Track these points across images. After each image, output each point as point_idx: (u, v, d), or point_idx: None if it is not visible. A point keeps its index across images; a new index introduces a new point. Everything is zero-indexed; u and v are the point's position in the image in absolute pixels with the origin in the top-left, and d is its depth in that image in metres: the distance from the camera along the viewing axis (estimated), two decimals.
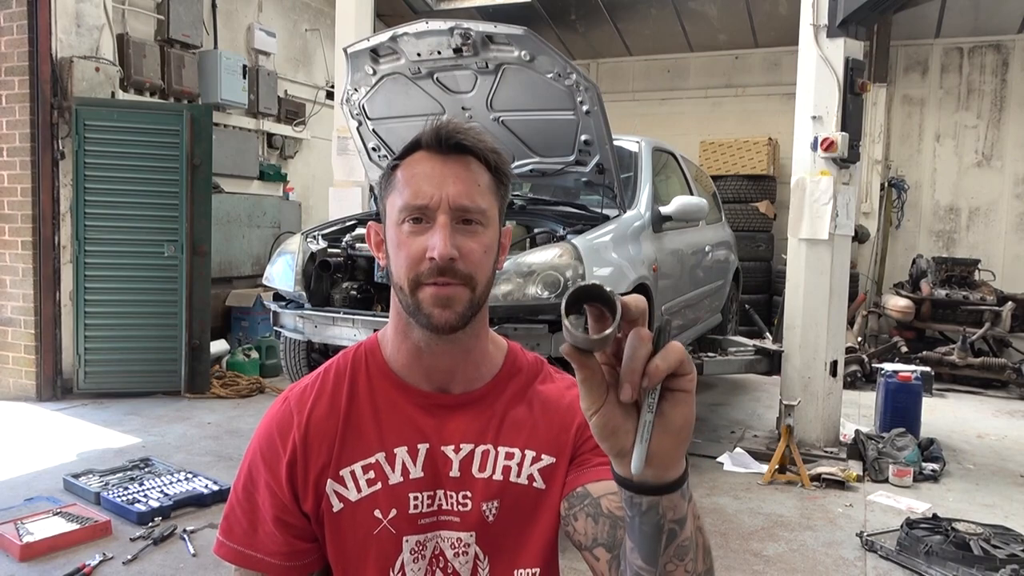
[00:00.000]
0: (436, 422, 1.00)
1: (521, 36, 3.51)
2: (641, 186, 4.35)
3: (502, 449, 1.00)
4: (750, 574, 3.10)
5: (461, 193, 0.94)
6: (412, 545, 0.98)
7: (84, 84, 5.35)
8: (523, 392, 1.04)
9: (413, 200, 0.94)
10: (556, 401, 1.04)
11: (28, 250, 5.35)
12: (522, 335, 3.23)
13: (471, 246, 0.94)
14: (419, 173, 0.95)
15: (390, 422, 1.00)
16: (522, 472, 1.00)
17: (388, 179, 0.99)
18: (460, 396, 1.02)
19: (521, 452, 1.00)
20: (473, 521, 0.99)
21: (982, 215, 8.34)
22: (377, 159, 4.54)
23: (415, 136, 0.98)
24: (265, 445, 1.01)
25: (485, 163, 0.97)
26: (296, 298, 3.92)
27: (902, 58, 8.51)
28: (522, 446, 1.01)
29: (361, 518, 0.98)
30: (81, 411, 5.18)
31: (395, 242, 0.96)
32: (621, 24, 8.80)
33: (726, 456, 4.50)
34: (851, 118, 4.47)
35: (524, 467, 1.00)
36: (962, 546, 3.09)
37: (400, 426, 1.00)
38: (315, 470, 0.98)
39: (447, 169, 0.95)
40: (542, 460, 1.01)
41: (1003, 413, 6.06)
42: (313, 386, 1.04)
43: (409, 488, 0.98)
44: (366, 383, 1.03)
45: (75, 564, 2.93)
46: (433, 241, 0.92)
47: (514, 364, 1.06)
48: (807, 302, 4.62)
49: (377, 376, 1.03)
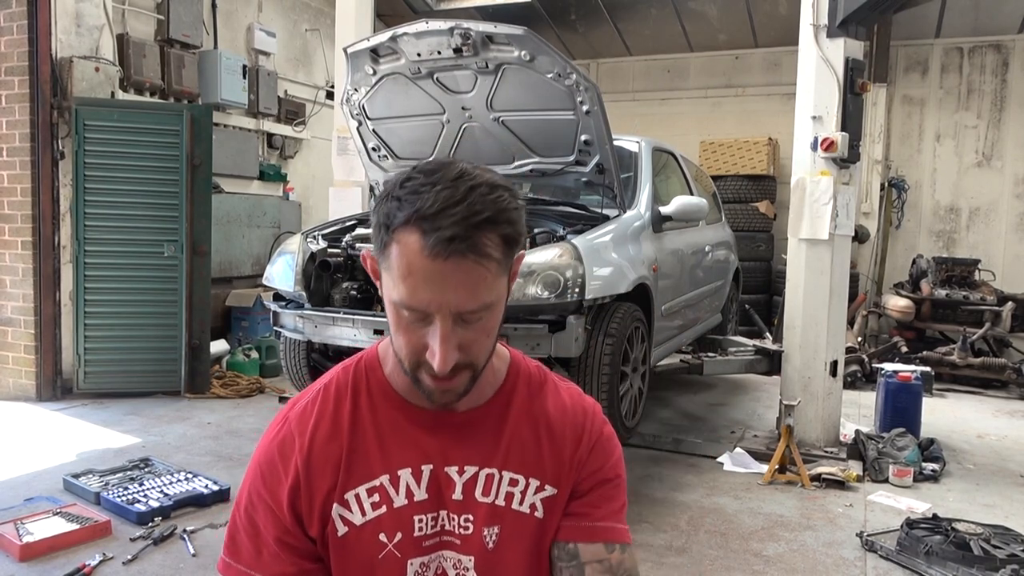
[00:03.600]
0: (440, 442, 0.99)
1: (521, 36, 3.51)
2: (641, 186, 4.35)
3: (507, 475, 1.00)
4: (750, 574, 3.09)
5: (464, 299, 0.85)
6: (416, 567, 0.98)
7: (84, 84, 5.35)
8: (529, 409, 1.03)
9: (409, 300, 0.86)
10: (560, 425, 1.03)
11: (28, 250, 5.35)
12: (522, 335, 3.22)
13: (473, 337, 0.89)
14: (415, 271, 0.84)
15: (394, 443, 0.99)
16: (524, 500, 1.00)
17: (381, 243, 0.88)
18: (465, 414, 1.00)
19: (526, 480, 1.00)
20: (474, 546, 0.99)
21: (982, 215, 8.34)
22: (377, 159, 4.54)
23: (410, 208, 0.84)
24: (267, 469, 0.99)
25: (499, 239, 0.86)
26: (296, 298, 3.92)
27: (902, 58, 8.51)
28: (527, 474, 1.00)
29: (366, 542, 0.97)
30: (81, 411, 5.18)
31: (394, 320, 0.90)
32: (621, 24, 8.80)
33: (726, 456, 4.50)
34: (851, 118, 4.46)
35: (528, 495, 1.00)
36: (962, 546, 3.09)
37: (404, 447, 0.99)
38: (320, 495, 0.97)
39: (447, 272, 0.84)
40: (545, 490, 1.01)
41: (1003, 413, 6.05)
42: (313, 405, 1.01)
43: (414, 511, 0.98)
44: (368, 403, 1.01)
45: (75, 564, 2.93)
46: (433, 346, 0.87)
47: (517, 375, 1.05)
48: (807, 302, 4.62)
49: (379, 395, 1.01)
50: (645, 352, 3.90)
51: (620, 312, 3.57)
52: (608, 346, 3.44)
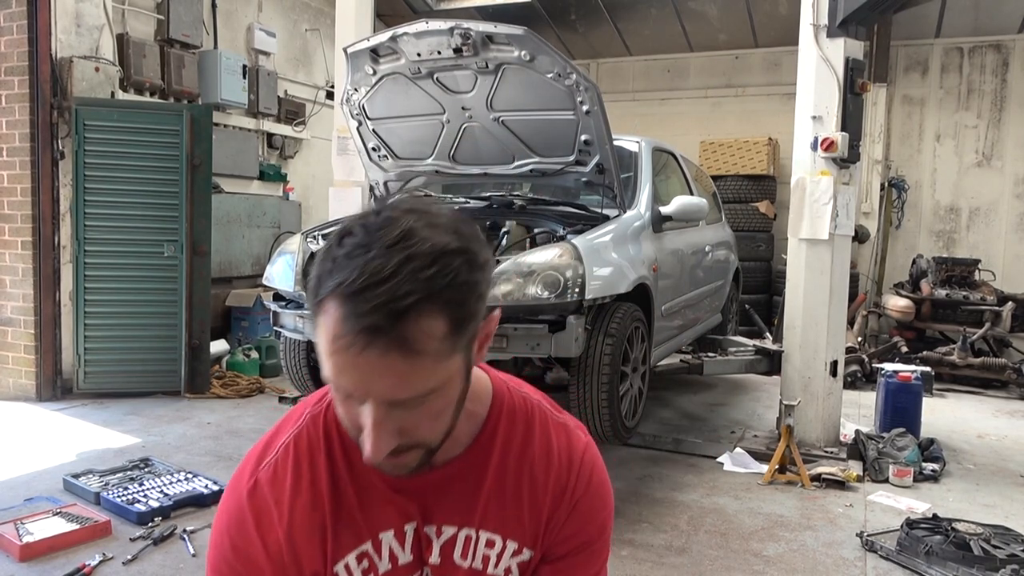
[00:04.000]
0: (419, 501, 0.94)
1: (521, 36, 3.51)
2: (641, 186, 4.35)
3: (484, 535, 0.95)
4: (750, 574, 3.09)
5: (393, 389, 0.75)
6: None
7: (84, 84, 5.35)
8: (509, 459, 0.96)
9: (336, 381, 0.77)
10: (544, 477, 0.97)
11: (28, 250, 5.35)
12: (522, 335, 3.22)
13: (415, 421, 0.79)
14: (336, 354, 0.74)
15: (375, 503, 0.93)
16: (500, 563, 0.96)
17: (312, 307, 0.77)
18: (441, 469, 0.93)
19: (503, 542, 0.96)
20: None
21: (982, 215, 8.34)
22: (377, 159, 4.54)
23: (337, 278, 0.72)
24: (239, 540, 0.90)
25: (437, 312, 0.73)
26: (296, 298, 3.92)
27: (902, 58, 8.51)
28: (505, 535, 0.96)
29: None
30: (81, 411, 5.18)
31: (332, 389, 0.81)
32: (621, 24, 8.80)
33: (726, 456, 4.50)
34: (851, 118, 4.46)
35: (504, 558, 0.96)
36: (962, 546, 3.09)
37: (384, 507, 0.93)
38: (308, 569, 0.91)
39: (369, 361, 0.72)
40: (522, 554, 0.97)
41: (1003, 413, 6.05)
42: (285, 466, 0.92)
43: (400, 574, 0.95)
44: (344, 460, 0.92)
45: (75, 564, 2.93)
46: (367, 430, 0.77)
47: (499, 416, 0.96)
48: (807, 302, 4.62)
49: (353, 451, 0.90)
50: (645, 352, 3.90)
51: (620, 312, 3.57)
52: (608, 346, 3.43)
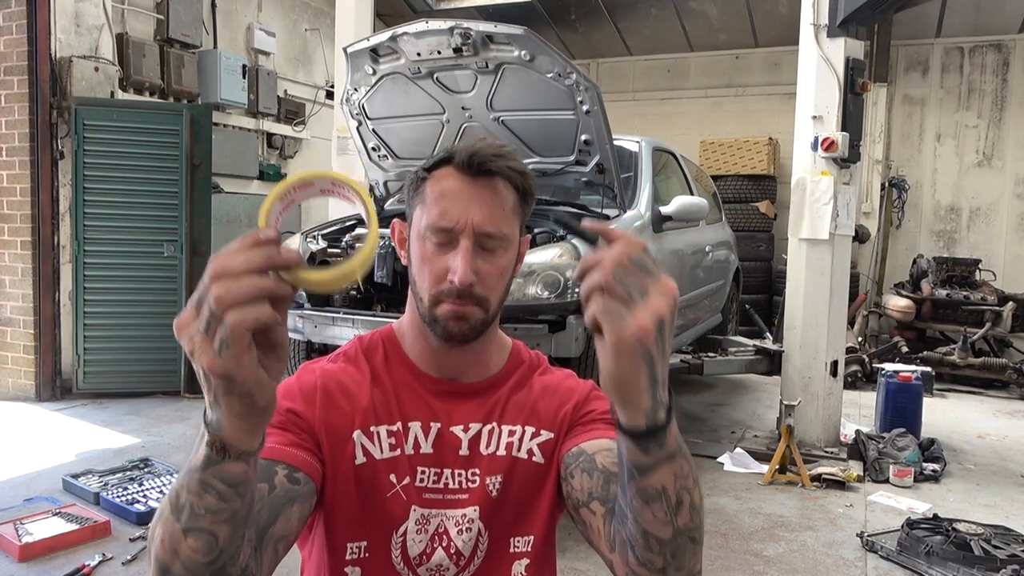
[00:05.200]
0: (447, 406, 1.07)
1: (521, 36, 3.51)
2: (641, 186, 4.35)
3: (505, 427, 1.07)
4: (750, 574, 3.09)
5: (486, 219, 0.98)
6: (417, 516, 1.02)
7: (83, 84, 5.35)
8: (525, 380, 1.12)
9: (439, 221, 0.98)
10: (555, 386, 1.12)
11: (27, 250, 5.34)
12: (522, 335, 3.22)
13: (488, 270, 0.99)
14: (447, 193, 0.99)
15: (406, 399, 1.06)
16: (522, 446, 1.06)
17: (416, 188, 1.03)
18: (469, 385, 1.09)
19: (522, 428, 1.07)
20: (478, 496, 1.04)
21: (983, 215, 8.33)
22: (377, 159, 4.54)
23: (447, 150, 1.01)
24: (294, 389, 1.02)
25: (512, 185, 1.01)
26: (296, 298, 3.91)
27: (902, 58, 8.50)
28: (523, 423, 1.08)
29: (380, 478, 1.01)
30: (80, 411, 5.17)
31: (419, 255, 1.01)
32: (621, 24, 8.80)
33: (726, 456, 4.50)
34: (851, 118, 4.46)
35: (524, 442, 1.07)
36: (963, 546, 3.08)
37: (415, 403, 1.06)
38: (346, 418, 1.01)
39: (474, 192, 0.99)
40: (541, 435, 1.07)
41: (1004, 413, 6.05)
42: (333, 362, 1.09)
43: (419, 461, 1.03)
44: (383, 364, 1.08)
45: (74, 564, 2.93)
46: (454, 265, 0.97)
47: (518, 358, 1.15)
48: (807, 302, 4.62)
49: (394, 360, 1.09)
50: None
51: None
52: None
